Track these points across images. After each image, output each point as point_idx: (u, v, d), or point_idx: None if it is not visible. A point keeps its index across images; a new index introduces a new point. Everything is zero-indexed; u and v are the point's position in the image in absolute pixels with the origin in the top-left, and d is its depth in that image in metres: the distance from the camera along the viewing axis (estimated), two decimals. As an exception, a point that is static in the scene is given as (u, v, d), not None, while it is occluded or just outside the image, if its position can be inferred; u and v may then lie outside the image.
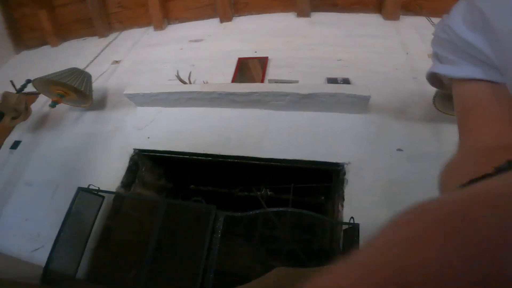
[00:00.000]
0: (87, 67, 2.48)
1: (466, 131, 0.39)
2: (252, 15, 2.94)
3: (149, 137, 2.21)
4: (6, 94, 2.33)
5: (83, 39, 3.46)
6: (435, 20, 2.22)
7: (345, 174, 1.77)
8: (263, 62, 2.46)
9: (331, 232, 1.77)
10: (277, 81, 2.21)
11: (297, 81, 2.20)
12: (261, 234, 2.03)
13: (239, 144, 2.01)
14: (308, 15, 2.77)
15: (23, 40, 3.69)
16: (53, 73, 2.22)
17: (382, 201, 1.64)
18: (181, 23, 3.16)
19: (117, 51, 3.02)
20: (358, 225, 1.42)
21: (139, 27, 3.25)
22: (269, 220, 1.94)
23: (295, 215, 1.70)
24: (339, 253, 1.54)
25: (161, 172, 2.50)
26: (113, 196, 2.00)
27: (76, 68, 2.36)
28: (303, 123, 1.99)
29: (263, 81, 2.31)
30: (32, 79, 2.27)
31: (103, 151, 2.27)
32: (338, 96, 1.86)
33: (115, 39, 3.00)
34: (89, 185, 1.87)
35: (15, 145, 2.59)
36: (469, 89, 0.39)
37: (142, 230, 2.01)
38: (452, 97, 0.44)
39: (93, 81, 2.44)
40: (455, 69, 0.39)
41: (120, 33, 3.10)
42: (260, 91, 1.97)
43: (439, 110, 1.73)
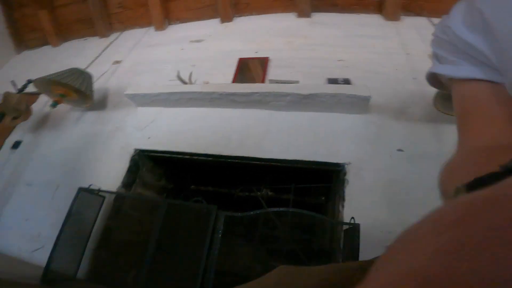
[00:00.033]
0: (88, 67, 2.48)
1: (465, 131, 0.39)
2: (252, 15, 2.95)
3: (149, 137, 2.21)
4: (7, 94, 2.33)
5: (84, 39, 3.46)
6: (436, 20, 2.22)
7: (345, 174, 1.77)
8: (263, 62, 2.46)
9: (331, 232, 1.77)
10: (277, 82, 2.21)
11: (297, 82, 2.20)
12: (262, 234, 2.03)
13: (240, 144, 2.01)
14: (308, 16, 2.77)
15: (24, 40, 3.70)
16: (54, 73, 2.22)
17: (382, 201, 1.63)
18: (182, 24, 3.17)
19: (118, 51, 3.03)
20: (358, 225, 1.42)
21: (140, 27, 3.25)
22: (270, 220, 1.94)
23: (295, 215, 1.70)
24: (340, 254, 1.54)
25: (162, 172, 2.50)
26: (113, 196, 2.00)
27: (77, 68, 2.36)
28: (303, 123, 1.99)
29: (263, 82, 2.30)
30: (33, 79, 2.27)
31: (104, 151, 2.28)
32: (338, 96, 1.86)
33: (116, 39, 3.00)
34: (90, 185, 1.87)
35: (16, 145, 2.59)
36: (468, 89, 0.39)
37: (142, 230, 2.01)
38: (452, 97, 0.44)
39: (94, 81, 2.45)
40: (455, 69, 0.39)
41: (121, 33, 3.11)
42: (260, 92, 1.97)
43: (439, 110, 1.73)
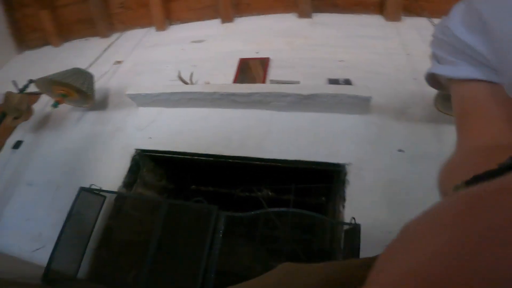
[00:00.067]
0: (89, 67, 2.49)
1: (464, 131, 0.39)
2: (253, 16, 2.95)
3: (150, 138, 2.22)
4: (8, 94, 2.34)
5: (85, 39, 3.47)
6: (436, 21, 2.21)
7: (346, 174, 1.77)
8: (264, 62, 2.46)
9: (332, 232, 1.77)
10: (278, 82, 2.21)
11: (298, 82, 2.20)
12: (262, 234, 2.03)
13: (240, 144, 2.01)
14: (309, 16, 2.77)
15: (25, 40, 3.70)
16: (55, 73, 2.23)
17: (383, 202, 1.64)
18: (183, 24, 3.17)
19: (119, 51, 3.03)
20: (359, 225, 1.43)
21: (141, 28, 3.25)
22: (270, 220, 1.94)
23: (296, 216, 1.70)
24: (340, 254, 1.54)
25: (162, 172, 2.50)
26: (114, 196, 2.00)
27: (78, 68, 2.37)
28: (304, 123, 1.99)
29: (264, 82, 2.31)
30: (34, 79, 2.28)
31: (105, 151, 2.28)
32: (339, 97, 1.86)
33: (117, 40, 3.01)
34: (91, 185, 1.88)
35: (17, 145, 2.60)
36: (467, 90, 0.39)
37: (143, 230, 2.01)
38: None
39: (95, 82, 2.45)
40: (454, 70, 0.39)
41: (122, 33, 3.11)
42: (261, 92, 1.98)
43: (440, 111, 1.73)
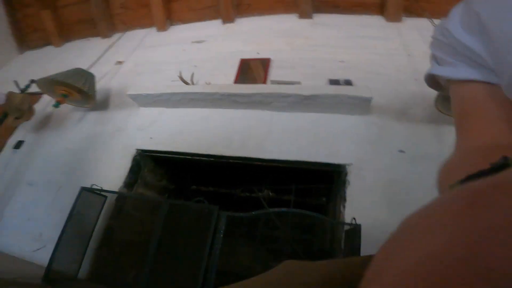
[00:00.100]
0: (90, 67, 2.49)
1: (463, 132, 0.40)
2: (254, 16, 2.95)
3: (151, 138, 2.22)
4: (10, 94, 2.34)
5: (86, 39, 3.47)
6: (437, 21, 2.22)
7: (346, 175, 1.77)
8: (265, 63, 2.46)
9: (332, 232, 1.77)
10: (279, 82, 2.21)
11: (299, 82, 2.20)
12: (263, 234, 2.03)
13: (241, 145, 2.01)
14: (310, 17, 2.77)
15: (27, 40, 3.71)
16: (57, 73, 2.23)
17: (383, 202, 1.64)
18: (184, 24, 3.17)
19: (120, 51, 3.04)
20: (359, 225, 1.43)
21: (142, 28, 3.26)
22: (271, 220, 1.94)
23: (296, 216, 1.71)
24: (340, 254, 1.54)
25: (163, 172, 2.50)
26: (115, 196, 2.00)
27: (79, 68, 2.37)
28: (305, 124, 1.99)
29: (265, 82, 2.31)
30: (36, 79, 2.28)
31: (106, 151, 2.28)
32: (340, 97, 1.86)
33: (118, 40, 3.01)
34: (92, 185, 1.88)
35: (18, 145, 2.60)
36: (466, 91, 0.39)
37: (144, 230, 2.01)
38: None
39: (96, 82, 2.46)
40: (453, 71, 0.40)
41: (123, 33, 3.12)
42: (262, 92, 1.98)
43: (440, 111, 1.73)
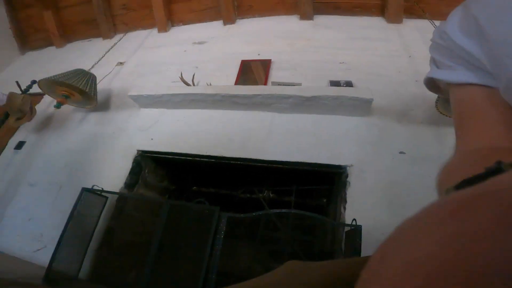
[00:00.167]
0: (91, 68, 2.50)
1: (462, 134, 0.40)
2: (255, 17, 2.96)
3: (152, 139, 2.22)
4: (11, 94, 2.35)
5: (88, 40, 3.49)
6: (438, 23, 2.22)
7: (347, 176, 1.77)
8: (266, 64, 2.46)
9: (332, 234, 1.77)
10: (280, 84, 2.21)
11: (300, 84, 2.20)
12: (263, 235, 2.03)
13: (242, 146, 2.02)
14: (311, 18, 2.78)
15: (28, 41, 3.73)
16: (58, 74, 2.24)
17: (384, 203, 1.64)
18: (185, 25, 3.18)
19: (121, 52, 3.04)
20: (360, 226, 1.43)
21: (143, 29, 3.27)
22: (271, 221, 1.94)
23: (297, 217, 1.70)
24: (341, 255, 1.54)
25: (164, 173, 2.51)
26: (116, 197, 2.01)
27: (81, 69, 2.38)
28: (305, 125, 2.00)
29: (266, 84, 2.31)
30: (37, 79, 2.29)
31: (107, 152, 2.29)
32: (340, 99, 1.86)
33: (119, 41, 3.02)
34: (93, 186, 1.88)
35: (20, 145, 2.61)
36: (464, 94, 0.40)
37: (144, 231, 2.02)
38: None
39: (97, 83, 2.46)
40: (451, 74, 0.40)
41: (124, 34, 3.13)
42: (263, 94, 1.98)
43: (441, 113, 1.73)
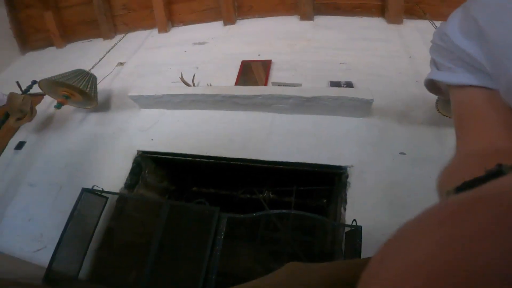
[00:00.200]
0: (92, 68, 2.50)
1: (462, 136, 0.40)
2: (255, 18, 2.96)
3: (152, 139, 2.22)
4: (11, 95, 2.35)
5: (88, 40, 3.49)
6: (438, 23, 2.22)
7: (347, 177, 1.77)
8: (266, 65, 2.47)
9: (333, 234, 1.77)
10: (280, 84, 2.21)
11: (300, 84, 2.21)
12: (263, 236, 2.03)
13: (242, 146, 2.02)
14: (311, 19, 2.78)
15: (29, 41, 3.73)
16: (59, 75, 2.24)
17: (384, 204, 1.64)
18: (185, 26, 3.18)
19: (121, 53, 3.04)
20: (360, 227, 1.43)
21: (143, 29, 3.27)
22: (271, 222, 1.94)
23: (297, 218, 1.70)
24: (341, 256, 1.54)
25: (164, 174, 2.51)
26: (116, 197, 2.01)
27: (81, 69, 2.38)
28: (306, 126, 2.00)
29: (266, 84, 2.31)
30: (37, 80, 2.29)
31: (107, 152, 2.29)
32: (341, 99, 1.86)
33: (120, 41, 3.02)
34: (93, 186, 1.88)
35: (20, 145, 2.61)
36: (465, 95, 0.40)
37: (145, 231, 2.01)
38: None
39: (98, 83, 2.46)
40: (452, 76, 0.40)
41: (125, 35, 3.13)
42: (263, 94, 1.98)
43: (441, 113, 1.73)
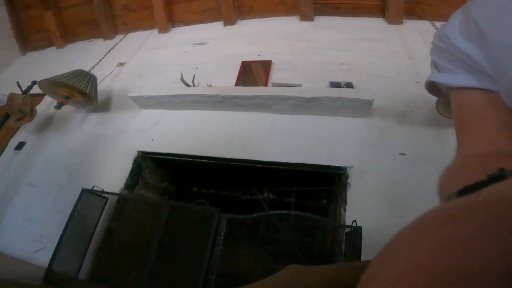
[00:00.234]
0: (92, 69, 2.50)
1: (463, 138, 0.40)
2: (255, 18, 2.96)
3: (152, 140, 2.22)
4: (12, 95, 2.35)
5: (88, 41, 3.50)
6: (438, 24, 2.22)
7: (347, 177, 1.77)
8: (266, 65, 2.47)
9: (333, 235, 1.77)
10: (280, 85, 2.21)
11: (300, 85, 2.20)
12: (263, 236, 2.03)
13: (242, 147, 2.01)
14: (311, 19, 2.78)
15: (29, 41, 3.74)
16: (59, 75, 2.24)
17: (384, 205, 1.64)
18: (186, 26, 3.18)
19: (122, 53, 3.04)
20: (360, 228, 1.43)
21: (143, 30, 3.27)
22: (271, 223, 1.94)
23: (297, 218, 1.70)
24: (341, 256, 1.54)
25: (164, 174, 2.50)
26: (116, 197, 2.01)
27: (81, 70, 2.38)
28: (306, 126, 1.99)
29: (266, 85, 2.31)
30: (38, 80, 2.29)
31: (107, 153, 2.29)
32: (341, 100, 1.86)
33: (120, 42, 3.02)
34: (93, 187, 1.88)
35: (20, 146, 2.61)
36: (465, 97, 0.40)
37: (145, 232, 2.01)
38: None
39: (98, 83, 2.46)
40: (452, 78, 0.40)
41: (125, 35, 3.13)
42: (263, 95, 1.98)
43: (442, 114, 1.73)
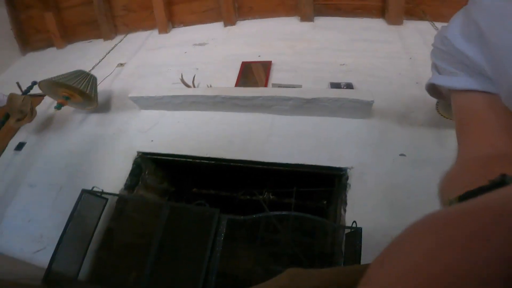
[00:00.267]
0: (92, 69, 2.50)
1: (464, 140, 0.40)
2: (256, 19, 2.96)
3: (152, 140, 2.22)
4: (12, 95, 2.35)
5: (88, 41, 3.50)
6: (439, 25, 2.22)
7: (347, 178, 1.77)
8: (266, 66, 2.47)
9: (333, 236, 1.77)
10: (280, 85, 2.21)
11: (300, 86, 2.20)
12: (263, 237, 2.02)
13: (242, 148, 2.01)
14: (311, 20, 2.78)
15: (30, 41, 3.74)
16: (59, 75, 2.24)
17: (384, 206, 1.63)
18: (186, 27, 3.18)
19: (122, 54, 3.04)
20: (360, 229, 1.43)
21: (144, 30, 3.27)
22: (271, 223, 1.94)
23: (297, 219, 1.70)
24: (341, 257, 1.53)
25: (164, 175, 2.50)
26: (116, 198, 2.01)
27: (82, 70, 2.38)
28: (306, 127, 1.99)
29: (266, 85, 2.31)
30: (38, 80, 2.29)
31: (107, 153, 2.29)
32: (341, 101, 1.86)
33: (120, 42, 3.02)
34: (93, 187, 1.88)
35: (20, 146, 2.61)
36: (466, 100, 0.40)
37: (144, 232, 2.01)
38: None
39: (98, 84, 2.46)
40: (453, 81, 0.40)
41: (125, 35, 3.13)
42: (263, 96, 1.98)
43: (442, 115, 1.73)
